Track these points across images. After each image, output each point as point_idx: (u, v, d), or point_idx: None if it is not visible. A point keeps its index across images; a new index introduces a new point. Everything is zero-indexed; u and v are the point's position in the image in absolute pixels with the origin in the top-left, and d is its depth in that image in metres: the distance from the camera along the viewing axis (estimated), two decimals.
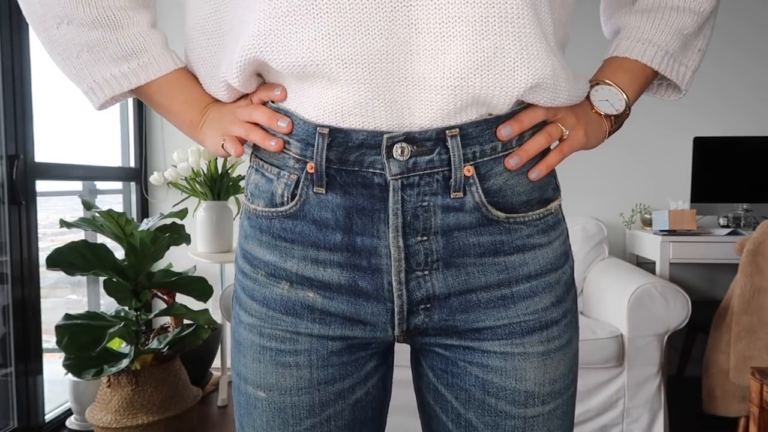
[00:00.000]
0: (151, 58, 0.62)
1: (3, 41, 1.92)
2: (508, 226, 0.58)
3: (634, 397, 1.96)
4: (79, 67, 0.61)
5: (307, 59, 0.51)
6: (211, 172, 2.53)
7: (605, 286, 2.23)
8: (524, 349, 0.60)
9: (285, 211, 0.58)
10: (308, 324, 0.60)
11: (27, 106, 2.01)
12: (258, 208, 0.61)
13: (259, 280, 0.62)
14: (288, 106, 0.57)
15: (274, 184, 0.59)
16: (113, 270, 1.95)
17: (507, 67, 0.52)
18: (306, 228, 0.58)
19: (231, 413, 2.39)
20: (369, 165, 0.55)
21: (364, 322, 0.60)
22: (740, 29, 2.72)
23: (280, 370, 0.61)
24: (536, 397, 0.61)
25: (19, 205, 1.98)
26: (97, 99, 0.63)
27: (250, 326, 0.62)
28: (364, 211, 0.56)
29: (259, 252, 0.61)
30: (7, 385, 1.98)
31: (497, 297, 0.59)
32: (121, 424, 1.88)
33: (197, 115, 0.64)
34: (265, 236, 0.60)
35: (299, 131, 0.56)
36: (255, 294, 0.62)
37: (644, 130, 2.77)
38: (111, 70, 0.61)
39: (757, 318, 1.82)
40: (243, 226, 0.64)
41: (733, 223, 2.53)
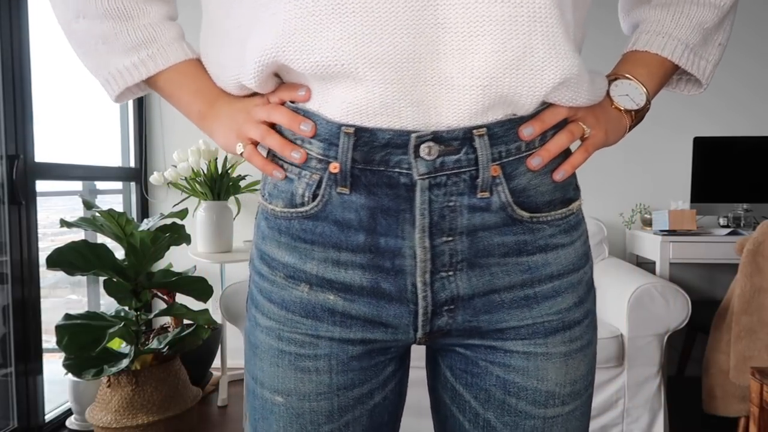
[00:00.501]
0: (160, 48, 0.62)
1: (3, 41, 1.92)
2: (532, 225, 0.58)
3: (634, 397, 1.96)
4: (96, 59, 0.63)
5: (333, 60, 0.51)
6: (211, 172, 2.53)
7: (605, 286, 2.23)
8: (547, 350, 0.60)
9: (305, 211, 0.57)
10: (329, 327, 0.59)
11: (27, 106, 2.01)
12: (276, 209, 0.59)
13: (277, 282, 0.60)
14: (309, 106, 0.56)
15: (294, 184, 0.58)
16: (113, 270, 1.95)
17: (536, 66, 0.52)
18: (327, 229, 0.57)
19: (231, 413, 2.39)
20: (395, 165, 0.54)
21: (386, 324, 0.59)
22: (740, 30, 2.72)
23: (299, 375, 0.60)
24: (557, 397, 0.61)
25: (19, 205, 1.98)
26: (113, 90, 0.64)
27: (267, 329, 0.61)
28: (389, 212, 0.55)
29: (278, 253, 0.60)
30: (7, 385, 1.98)
31: (520, 297, 0.59)
32: (121, 424, 1.88)
33: (206, 105, 0.63)
34: (284, 237, 0.59)
35: (322, 131, 0.55)
36: (273, 296, 0.61)
37: (644, 130, 2.76)
38: (123, 61, 0.62)
39: (757, 318, 1.82)
40: (260, 227, 0.63)
41: (733, 223, 2.53)
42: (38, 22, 2.17)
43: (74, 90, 2.56)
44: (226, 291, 2.06)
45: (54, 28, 2.07)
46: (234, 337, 2.95)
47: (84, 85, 2.64)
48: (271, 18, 0.52)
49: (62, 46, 2.19)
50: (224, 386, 2.54)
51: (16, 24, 1.96)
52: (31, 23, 2.02)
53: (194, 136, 2.93)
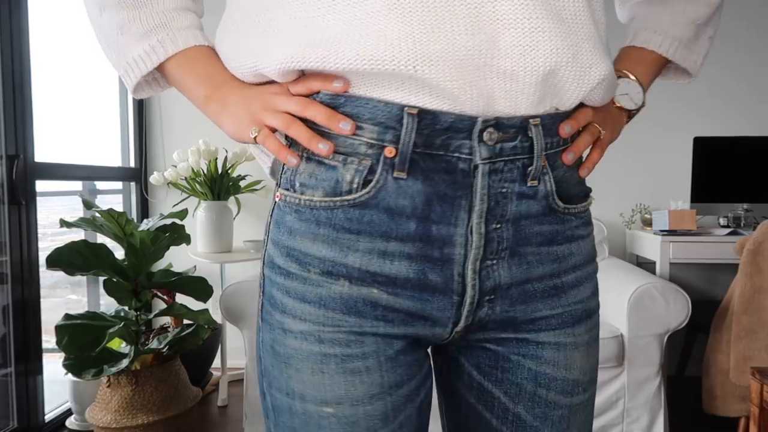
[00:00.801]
0: (170, 33, 0.61)
1: (3, 41, 1.92)
2: (563, 216, 0.60)
3: (634, 397, 1.96)
4: (116, 51, 0.63)
5: (390, 59, 0.50)
6: (211, 172, 2.54)
7: (605, 286, 2.23)
8: (574, 339, 0.62)
9: (353, 199, 0.54)
10: (373, 322, 0.56)
11: (27, 106, 2.01)
12: (314, 199, 0.55)
13: (311, 279, 0.56)
14: (360, 90, 0.53)
15: (339, 171, 0.55)
16: (113, 270, 1.95)
17: (585, 65, 0.55)
18: (376, 217, 0.54)
19: (231, 413, 2.39)
20: (455, 149, 0.54)
21: (427, 318, 0.58)
22: (741, 29, 2.72)
23: (349, 378, 0.56)
24: (580, 385, 0.63)
25: (19, 205, 1.98)
26: (130, 81, 0.63)
27: (304, 334, 0.56)
28: (445, 198, 0.54)
29: (312, 248, 0.56)
30: (7, 385, 1.98)
31: (550, 287, 0.61)
32: (121, 424, 1.88)
33: (211, 90, 0.61)
34: (324, 229, 0.55)
35: (377, 114, 0.53)
36: (307, 295, 0.56)
37: (644, 130, 2.77)
38: (137, 49, 0.61)
39: (757, 318, 1.82)
40: (284, 223, 0.58)
41: (733, 223, 2.53)
42: (38, 22, 2.17)
43: (74, 90, 2.55)
44: (226, 291, 2.06)
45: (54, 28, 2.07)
46: (234, 337, 2.95)
47: (84, 85, 2.64)
48: (323, 17, 0.51)
49: (62, 46, 2.18)
50: (224, 386, 2.54)
51: (16, 24, 1.96)
52: (31, 23, 2.02)
53: (194, 136, 2.93)
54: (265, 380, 0.60)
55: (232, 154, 2.59)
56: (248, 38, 0.58)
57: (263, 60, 0.55)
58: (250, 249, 2.63)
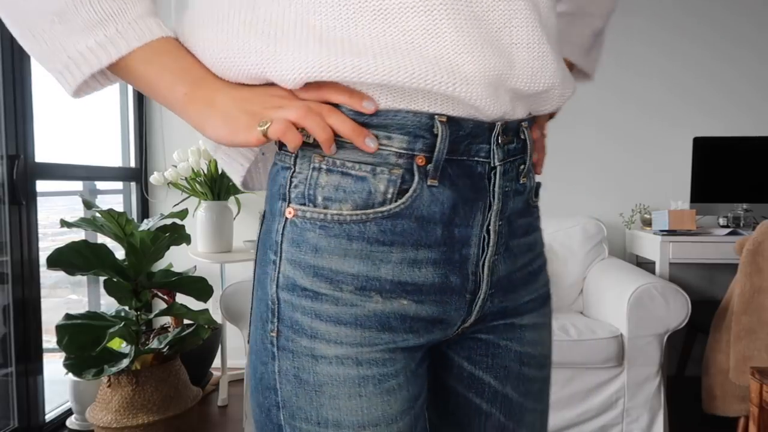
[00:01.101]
0: (131, 21, 0.52)
1: (3, 41, 1.92)
2: (533, 209, 0.66)
3: (634, 397, 1.96)
4: (51, 43, 0.52)
5: (431, 77, 0.50)
6: (211, 172, 2.54)
7: (605, 286, 2.23)
8: (544, 319, 0.68)
9: (388, 210, 0.53)
10: (403, 336, 0.55)
11: (27, 106, 2.02)
12: (344, 213, 0.53)
13: (343, 299, 0.53)
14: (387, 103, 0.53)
15: (369, 182, 0.53)
16: (113, 270, 1.96)
17: (569, 85, 0.61)
18: (408, 226, 0.54)
19: (231, 413, 2.39)
20: (474, 153, 0.56)
21: (443, 321, 0.58)
22: (741, 29, 2.72)
23: (386, 398, 0.54)
24: (548, 358, 0.70)
25: (19, 205, 1.98)
26: (73, 79, 0.53)
27: (340, 358, 0.53)
28: (467, 201, 0.56)
29: (344, 265, 0.53)
30: (7, 385, 1.98)
31: (527, 273, 0.65)
32: (122, 424, 1.88)
33: (192, 87, 0.54)
34: (356, 244, 0.53)
35: (407, 124, 0.53)
36: (342, 317, 0.53)
37: (644, 130, 2.77)
38: (86, 40, 0.51)
39: (757, 318, 1.82)
40: (305, 240, 0.54)
41: (732, 223, 2.53)
42: None
43: None
44: (226, 291, 2.06)
45: None
46: (234, 337, 2.95)
47: None
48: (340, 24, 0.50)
49: None
50: (224, 386, 2.54)
51: None
52: None
53: (194, 136, 2.94)
54: (285, 412, 0.55)
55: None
56: (242, 40, 0.53)
57: (275, 66, 0.51)
58: (250, 249, 2.63)
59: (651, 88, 2.77)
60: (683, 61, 2.75)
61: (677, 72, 2.75)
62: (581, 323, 2.08)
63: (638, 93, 2.77)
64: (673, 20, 2.74)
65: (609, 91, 2.78)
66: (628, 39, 2.76)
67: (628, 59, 2.76)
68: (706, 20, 2.73)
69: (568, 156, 2.81)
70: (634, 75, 2.77)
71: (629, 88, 2.77)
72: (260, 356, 0.56)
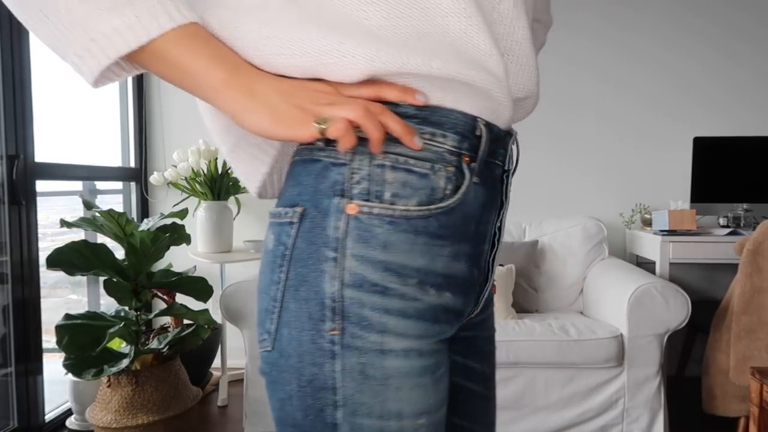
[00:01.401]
0: (159, 3, 0.49)
1: (3, 41, 1.92)
2: None
3: (634, 397, 1.96)
4: (71, 24, 0.48)
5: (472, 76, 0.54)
6: (211, 172, 2.54)
7: (605, 286, 2.23)
8: (490, 305, 0.76)
9: (446, 206, 0.56)
10: (445, 328, 0.58)
11: (27, 106, 2.02)
12: (411, 209, 0.54)
13: (408, 294, 0.55)
14: (442, 102, 0.55)
15: (431, 179, 0.55)
16: (113, 270, 1.95)
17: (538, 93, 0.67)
18: (456, 221, 0.57)
19: (231, 413, 2.39)
20: (497, 156, 0.62)
21: (463, 312, 0.62)
22: (742, 28, 2.72)
23: (437, 387, 0.57)
24: (494, 333, 0.78)
25: (19, 205, 1.98)
26: (96, 64, 0.49)
27: (407, 351, 0.55)
28: (491, 200, 0.61)
29: (409, 259, 0.55)
30: (7, 385, 1.98)
31: (490, 261, 0.67)
32: (121, 424, 1.88)
33: (229, 73, 0.52)
34: (421, 238, 0.55)
35: (458, 124, 0.56)
36: (408, 310, 0.55)
37: (644, 130, 2.77)
38: (112, 21, 0.48)
39: (757, 318, 1.82)
40: (374, 236, 0.54)
41: (732, 223, 2.53)
42: None
43: (74, 90, 2.55)
44: (226, 291, 2.06)
45: None
46: (234, 337, 2.95)
47: (84, 85, 2.64)
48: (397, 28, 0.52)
49: None
50: (224, 386, 2.54)
51: (16, 24, 1.96)
52: None
53: (194, 136, 2.94)
54: (345, 410, 0.55)
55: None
56: (301, 31, 0.52)
57: (335, 59, 0.51)
58: (250, 249, 2.63)
59: (651, 88, 2.77)
60: (684, 60, 2.75)
61: (677, 71, 2.75)
62: (581, 323, 2.08)
63: (639, 92, 2.77)
64: (673, 17, 2.74)
65: (609, 90, 2.78)
66: (628, 38, 2.76)
67: (628, 58, 2.76)
68: (708, 17, 2.73)
69: (568, 156, 2.81)
70: (634, 73, 2.77)
71: (630, 87, 2.77)
72: (310, 358, 0.54)
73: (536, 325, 2.07)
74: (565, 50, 2.78)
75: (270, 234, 0.58)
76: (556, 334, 1.99)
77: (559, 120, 2.81)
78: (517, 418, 2.01)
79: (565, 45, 2.78)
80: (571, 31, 2.78)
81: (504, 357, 1.97)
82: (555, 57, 2.79)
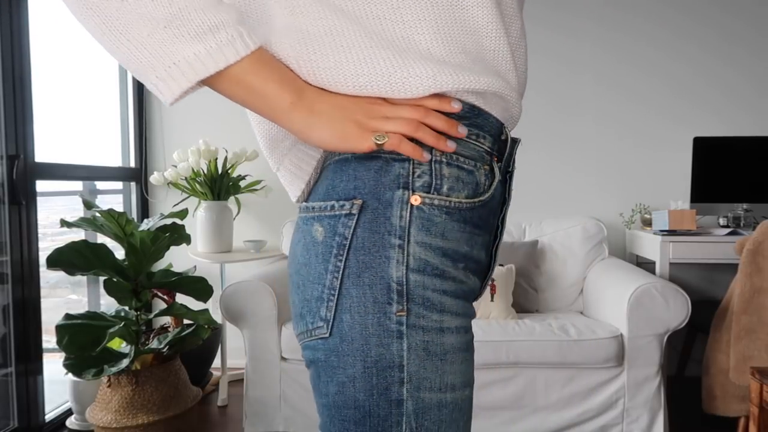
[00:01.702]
0: (236, 32, 0.54)
1: (3, 41, 1.92)
2: None
3: (634, 397, 1.96)
4: (154, 49, 0.51)
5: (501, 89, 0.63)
6: (211, 172, 2.54)
7: (605, 286, 2.23)
8: None
9: (484, 200, 0.63)
10: (472, 308, 0.66)
11: (27, 106, 2.01)
12: (462, 201, 0.62)
13: (458, 277, 0.62)
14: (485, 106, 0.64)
15: (475, 175, 0.63)
16: (113, 270, 1.95)
17: None
18: (487, 213, 0.65)
19: (231, 413, 2.39)
20: (507, 158, 0.69)
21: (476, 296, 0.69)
22: (743, 28, 2.72)
23: (473, 360, 0.65)
24: None
25: (19, 205, 1.98)
26: (178, 87, 0.53)
27: (459, 328, 0.62)
28: (501, 197, 0.69)
29: (459, 246, 0.62)
30: (7, 385, 1.98)
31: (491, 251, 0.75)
32: (122, 424, 1.88)
33: (295, 96, 0.58)
34: (468, 227, 0.62)
35: (491, 127, 0.65)
36: (458, 292, 0.62)
37: (644, 130, 2.77)
38: (194, 48, 0.52)
39: (757, 318, 1.82)
40: (435, 224, 0.60)
41: (732, 223, 2.53)
42: (38, 21, 2.17)
43: (74, 90, 2.55)
44: (226, 291, 2.06)
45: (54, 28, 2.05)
46: (234, 337, 2.95)
47: (84, 85, 2.64)
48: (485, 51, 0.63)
49: (62, 45, 2.17)
50: (224, 386, 2.54)
51: (16, 24, 1.96)
52: (31, 23, 2.02)
53: (194, 136, 2.94)
54: (410, 386, 0.59)
55: (232, 154, 2.59)
56: (364, 52, 0.58)
57: (399, 78, 0.58)
58: (250, 249, 2.63)
59: (651, 88, 2.77)
60: (683, 61, 2.75)
61: (677, 71, 2.75)
62: (581, 323, 2.08)
63: (638, 93, 2.77)
64: (672, 20, 2.74)
65: (609, 91, 2.78)
66: (628, 39, 2.76)
67: (628, 59, 2.76)
68: (705, 20, 2.73)
69: (568, 156, 2.81)
70: (633, 75, 2.77)
71: (629, 88, 2.77)
72: (376, 339, 0.59)
73: (536, 325, 2.07)
74: (564, 53, 2.78)
75: (315, 227, 0.62)
76: (556, 334, 1.99)
77: (559, 120, 2.81)
78: (517, 418, 2.01)
79: (564, 48, 2.78)
80: (570, 35, 2.78)
81: (504, 357, 1.97)
82: (555, 59, 2.79)
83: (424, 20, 0.59)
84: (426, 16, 0.59)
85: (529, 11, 2.80)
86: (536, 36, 2.80)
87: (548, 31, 2.79)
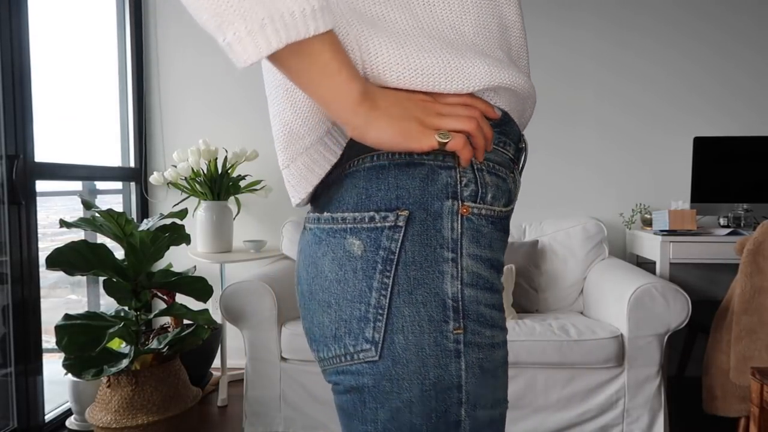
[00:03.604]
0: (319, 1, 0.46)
1: (3, 41, 1.92)
2: None
3: (634, 397, 1.96)
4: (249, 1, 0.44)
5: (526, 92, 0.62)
6: (211, 172, 2.53)
7: (605, 286, 2.23)
8: None
9: (513, 207, 0.62)
10: None
11: (27, 106, 2.01)
12: (502, 209, 0.60)
13: (498, 288, 0.59)
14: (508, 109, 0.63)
15: (508, 182, 0.61)
16: (113, 270, 1.95)
17: None
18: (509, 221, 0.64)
19: (231, 413, 2.39)
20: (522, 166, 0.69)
21: None
22: (742, 28, 2.72)
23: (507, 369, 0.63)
24: None
25: (19, 205, 1.98)
26: (267, 44, 0.45)
27: (504, 343, 0.60)
28: None
29: (501, 255, 0.60)
30: (7, 385, 1.98)
31: None
32: (121, 424, 1.88)
33: (363, 86, 0.51)
34: (505, 235, 0.61)
35: (514, 135, 0.63)
36: (498, 304, 0.59)
37: (644, 130, 2.77)
38: (299, 3, 0.44)
39: (757, 318, 1.82)
40: (483, 235, 0.57)
41: (733, 223, 2.53)
42: (38, 21, 2.17)
43: (74, 90, 2.55)
44: (226, 291, 2.06)
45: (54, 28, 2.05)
46: (234, 337, 2.95)
47: (84, 85, 2.64)
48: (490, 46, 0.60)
49: (62, 46, 2.17)
50: (224, 386, 2.54)
51: (16, 24, 1.96)
52: (31, 23, 2.02)
53: (194, 136, 2.94)
54: (467, 405, 0.56)
55: (232, 154, 2.59)
56: (429, 48, 0.54)
57: (458, 73, 0.54)
58: (250, 249, 2.63)
59: (651, 88, 2.77)
60: (684, 60, 2.75)
61: (677, 71, 2.75)
62: (581, 323, 2.08)
63: (638, 93, 2.77)
64: (674, 18, 2.74)
65: (609, 91, 2.78)
66: (629, 37, 2.76)
67: (628, 59, 2.76)
68: (707, 17, 2.73)
69: (569, 156, 2.81)
70: (634, 75, 2.77)
71: (629, 88, 2.77)
72: (435, 360, 0.55)
73: (536, 325, 2.07)
74: (565, 45, 2.78)
75: (350, 240, 0.56)
76: (556, 334, 1.99)
77: (559, 120, 2.81)
78: (517, 418, 2.01)
79: (564, 39, 2.78)
80: (568, 24, 2.78)
81: None
82: (556, 54, 2.79)
83: (468, 12, 0.56)
84: (470, 8, 0.56)
85: (529, 11, 2.79)
86: (537, 23, 2.80)
87: (550, 23, 2.79)
